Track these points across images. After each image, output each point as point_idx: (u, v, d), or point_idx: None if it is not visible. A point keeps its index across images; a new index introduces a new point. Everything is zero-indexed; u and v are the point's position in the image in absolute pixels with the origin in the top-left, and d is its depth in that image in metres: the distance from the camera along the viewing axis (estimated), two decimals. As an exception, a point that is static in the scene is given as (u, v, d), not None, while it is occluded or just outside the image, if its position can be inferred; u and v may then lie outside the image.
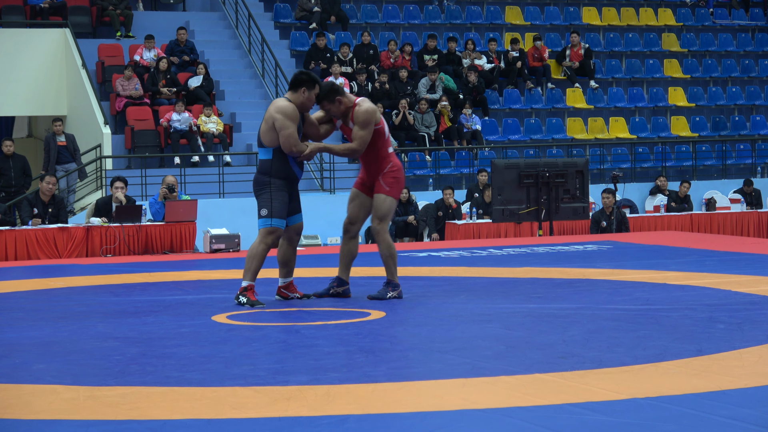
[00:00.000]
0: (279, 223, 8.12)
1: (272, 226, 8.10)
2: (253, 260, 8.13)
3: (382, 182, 8.28)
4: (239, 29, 21.87)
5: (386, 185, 8.27)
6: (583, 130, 22.01)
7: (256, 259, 8.12)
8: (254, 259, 8.12)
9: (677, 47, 24.52)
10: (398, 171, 8.32)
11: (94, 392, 5.18)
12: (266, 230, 8.11)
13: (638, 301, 8.00)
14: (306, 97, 8.12)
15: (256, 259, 8.12)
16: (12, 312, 8.36)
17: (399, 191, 8.38)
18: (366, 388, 5.16)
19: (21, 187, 16.43)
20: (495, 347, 6.24)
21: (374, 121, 8.17)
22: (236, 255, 13.10)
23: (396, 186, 8.33)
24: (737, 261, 10.98)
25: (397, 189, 8.35)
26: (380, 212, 8.28)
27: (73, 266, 12.38)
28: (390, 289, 8.31)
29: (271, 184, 8.13)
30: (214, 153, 18.71)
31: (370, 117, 8.13)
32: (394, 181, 8.30)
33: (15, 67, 20.09)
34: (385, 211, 8.28)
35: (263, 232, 8.12)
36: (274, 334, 6.92)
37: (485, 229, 15.61)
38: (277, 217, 8.10)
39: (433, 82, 20.85)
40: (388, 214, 8.32)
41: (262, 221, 8.12)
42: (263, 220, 8.11)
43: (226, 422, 4.61)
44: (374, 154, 8.26)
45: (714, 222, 16.90)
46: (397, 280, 8.37)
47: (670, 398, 4.83)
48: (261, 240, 8.11)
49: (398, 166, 8.35)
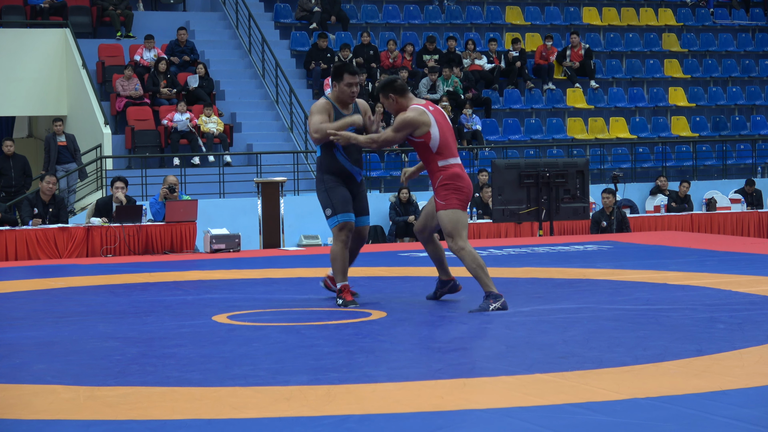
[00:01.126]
0: (345, 217, 7.99)
1: (339, 222, 7.99)
2: (335, 262, 8.02)
3: (436, 198, 7.77)
4: (239, 29, 21.87)
5: (440, 199, 7.73)
6: (583, 130, 22.01)
7: (337, 260, 8.00)
8: (335, 260, 8.01)
9: (677, 47, 24.52)
10: (451, 180, 7.71)
11: (94, 392, 5.18)
12: (336, 228, 8.01)
13: (638, 301, 8.00)
14: (338, 90, 8.04)
15: (337, 260, 8.00)
16: (12, 312, 8.36)
17: (458, 200, 7.70)
18: (366, 388, 5.16)
19: (21, 187, 16.44)
20: (495, 347, 6.24)
21: (408, 130, 7.70)
22: (236, 255, 13.10)
23: (451, 196, 7.69)
24: (737, 261, 10.97)
25: (454, 199, 7.70)
26: (446, 230, 7.70)
27: (73, 266, 12.38)
28: (491, 300, 7.63)
29: (324, 180, 8.09)
30: (215, 153, 18.70)
31: (403, 124, 7.68)
32: (446, 192, 7.70)
33: (15, 67, 20.09)
34: (449, 228, 7.68)
35: (334, 231, 8.03)
36: (274, 334, 6.92)
37: (485, 229, 15.61)
38: (342, 212, 7.98)
39: (434, 82, 20.86)
40: (455, 228, 7.67)
41: (330, 221, 8.02)
42: (330, 220, 8.02)
43: (226, 422, 4.61)
44: (428, 168, 7.85)
45: (714, 222, 16.90)
46: (496, 290, 7.68)
47: (671, 398, 4.82)
48: (335, 239, 8.04)
49: (451, 174, 7.72)
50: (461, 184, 7.73)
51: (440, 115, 7.84)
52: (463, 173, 7.77)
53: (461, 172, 7.75)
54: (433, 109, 7.83)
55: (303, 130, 19.45)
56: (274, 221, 14.35)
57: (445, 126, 7.80)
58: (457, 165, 7.76)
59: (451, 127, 7.90)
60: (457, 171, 7.73)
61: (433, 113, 7.78)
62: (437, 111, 7.84)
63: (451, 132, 7.86)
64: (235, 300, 8.61)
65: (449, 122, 7.90)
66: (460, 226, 7.68)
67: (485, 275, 7.67)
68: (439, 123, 7.76)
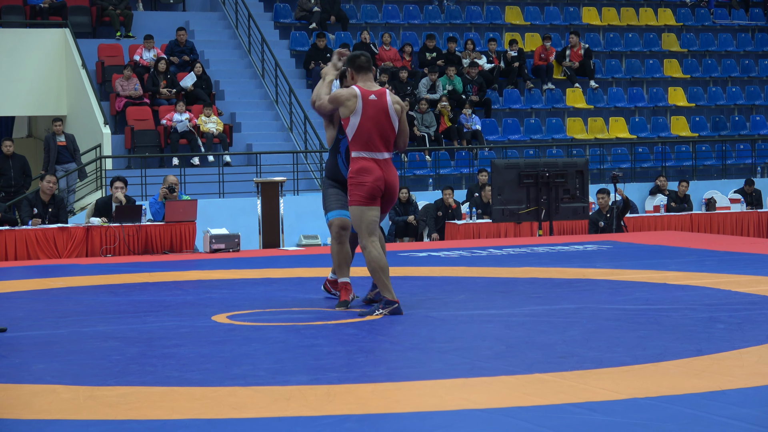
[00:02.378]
0: (332, 215, 7.99)
1: (328, 220, 8.01)
2: (333, 258, 8.02)
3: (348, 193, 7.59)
4: (239, 29, 21.87)
5: (349, 195, 7.54)
6: (583, 130, 22.01)
7: (333, 256, 8.00)
8: (332, 257, 8.01)
9: (677, 47, 24.52)
10: (356, 174, 7.47)
11: (94, 392, 5.18)
12: (329, 227, 8.05)
13: (638, 301, 8.00)
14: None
15: (333, 257, 8.00)
16: (12, 312, 8.35)
17: (359, 196, 7.45)
18: (366, 388, 5.16)
19: (21, 187, 16.43)
20: (495, 347, 6.24)
21: (334, 104, 7.55)
22: (236, 255, 13.10)
23: (353, 192, 7.48)
24: (737, 261, 10.98)
25: (356, 194, 7.46)
26: (354, 226, 7.57)
27: (73, 266, 12.38)
28: (381, 306, 7.46)
29: (324, 184, 8.17)
30: (214, 153, 18.70)
31: (332, 96, 7.58)
32: (351, 188, 7.50)
33: (15, 67, 20.09)
34: (354, 225, 7.52)
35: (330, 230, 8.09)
36: (274, 334, 6.92)
37: (485, 229, 15.61)
38: (330, 210, 7.99)
39: (434, 82, 20.86)
40: (358, 226, 7.48)
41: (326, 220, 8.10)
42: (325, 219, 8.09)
43: (225, 422, 4.61)
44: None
45: (714, 222, 16.90)
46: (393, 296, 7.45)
47: (670, 398, 4.83)
48: (331, 238, 8.07)
49: (357, 168, 7.47)
50: (365, 179, 7.42)
51: (376, 107, 7.47)
52: (374, 167, 7.43)
53: (369, 165, 7.43)
54: (375, 98, 7.47)
55: (302, 130, 19.45)
56: (274, 221, 14.35)
57: (374, 119, 7.44)
58: (367, 159, 7.43)
59: (385, 126, 7.51)
60: (364, 165, 7.43)
61: (369, 103, 7.44)
62: (376, 103, 7.47)
63: (381, 127, 7.48)
64: (235, 300, 8.61)
65: (389, 122, 7.51)
66: (363, 223, 7.45)
67: (385, 279, 7.40)
68: (367, 114, 7.42)
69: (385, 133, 7.54)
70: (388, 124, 7.54)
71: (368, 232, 7.48)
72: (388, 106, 7.54)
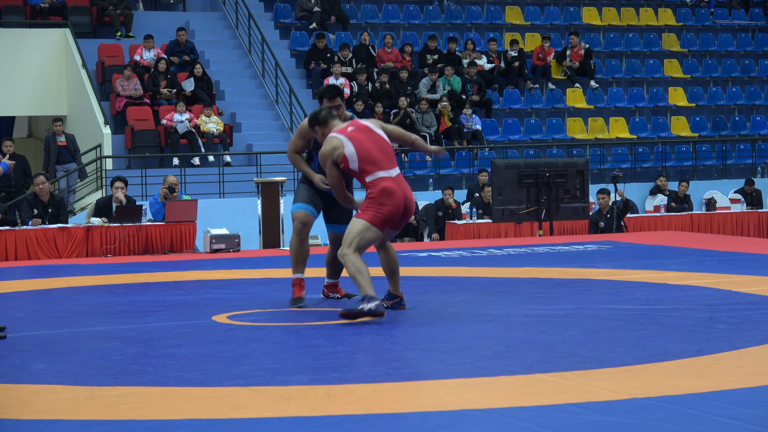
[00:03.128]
0: (294, 207, 8.11)
1: (292, 212, 8.15)
2: (291, 253, 8.18)
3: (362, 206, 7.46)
4: (239, 29, 21.87)
5: (362, 208, 7.42)
6: (583, 130, 22.01)
7: (291, 251, 8.17)
8: (291, 252, 8.18)
9: (677, 47, 24.51)
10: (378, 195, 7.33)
11: (94, 392, 5.18)
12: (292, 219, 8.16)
13: (638, 301, 8.00)
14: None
15: (291, 252, 8.17)
16: (12, 312, 8.35)
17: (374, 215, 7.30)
18: (366, 388, 5.16)
19: (21, 187, 16.44)
20: (495, 347, 6.24)
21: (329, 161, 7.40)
22: (236, 255, 13.10)
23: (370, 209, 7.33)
24: (737, 261, 10.98)
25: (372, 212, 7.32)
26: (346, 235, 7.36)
27: (73, 266, 12.38)
28: (365, 302, 7.17)
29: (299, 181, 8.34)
30: (215, 153, 18.71)
31: (322, 159, 7.50)
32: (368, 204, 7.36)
33: (15, 67, 20.09)
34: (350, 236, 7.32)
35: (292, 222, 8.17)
36: (274, 334, 6.92)
37: (485, 229, 15.61)
38: (294, 202, 8.15)
39: (434, 82, 20.86)
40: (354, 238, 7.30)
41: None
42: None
43: (226, 422, 4.61)
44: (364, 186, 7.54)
45: (714, 222, 16.90)
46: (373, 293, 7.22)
47: (670, 398, 4.83)
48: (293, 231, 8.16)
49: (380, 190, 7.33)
50: (387, 201, 7.29)
51: (361, 131, 7.42)
52: (396, 189, 7.31)
53: (392, 187, 7.31)
54: (352, 128, 7.41)
55: (303, 130, 19.42)
56: (274, 221, 14.35)
57: (366, 140, 7.36)
58: (386, 179, 7.32)
59: (378, 140, 7.43)
60: (387, 186, 7.30)
61: (350, 133, 7.38)
62: (355, 130, 7.42)
63: (377, 144, 7.40)
64: (235, 300, 8.61)
65: (377, 134, 7.44)
66: (362, 240, 7.27)
67: (363, 280, 7.18)
68: (356, 139, 7.34)
69: (384, 148, 7.43)
70: (381, 139, 7.46)
71: (357, 248, 7.32)
72: (367, 125, 7.51)
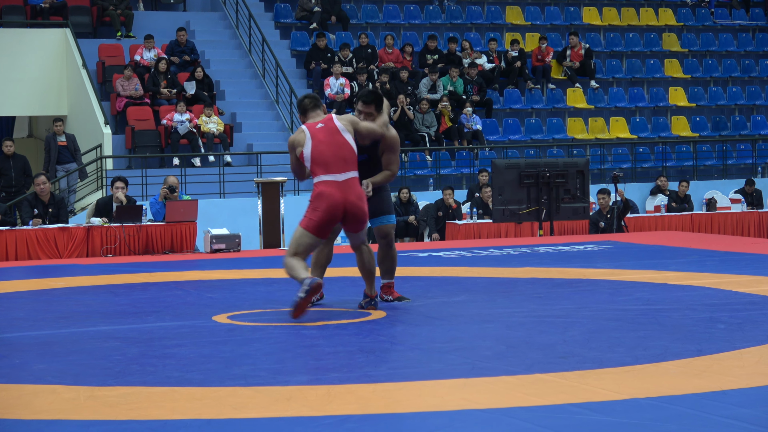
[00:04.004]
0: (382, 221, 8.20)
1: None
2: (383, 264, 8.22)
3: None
4: (239, 29, 21.87)
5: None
6: (583, 130, 22.01)
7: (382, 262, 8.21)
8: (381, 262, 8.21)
9: (678, 47, 24.51)
10: (313, 199, 7.52)
11: (95, 392, 5.18)
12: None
13: (639, 301, 8.00)
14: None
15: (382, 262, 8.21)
16: (12, 312, 8.36)
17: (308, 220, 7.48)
18: (366, 388, 5.16)
19: (21, 187, 16.43)
20: (495, 347, 6.24)
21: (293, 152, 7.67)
22: (236, 255, 13.10)
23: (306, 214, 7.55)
24: (737, 261, 10.98)
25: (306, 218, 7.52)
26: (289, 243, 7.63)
27: (73, 266, 12.38)
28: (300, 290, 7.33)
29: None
30: (215, 153, 18.71)
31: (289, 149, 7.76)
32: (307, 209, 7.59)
33: (15, 67, 20.09)
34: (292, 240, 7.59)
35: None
36: (275, 334, 6.92)
37: (486, 229, 15.61)
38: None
39: (434, 83, 20.86)
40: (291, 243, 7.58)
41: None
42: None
43: (226, 422, 4.61)
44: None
45: (714, 222, 16.90)
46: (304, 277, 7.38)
47: (671, 398, 4.83)
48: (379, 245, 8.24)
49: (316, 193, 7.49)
50: (319, 206, 7.45)
51: (325, 131, 7.54)
52: (332, 193, 7.43)
53: (328, 191, 7.44)
54: (322, 125, 7.56)
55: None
56: (275, 221, 14.34)
57: (326, 142, 7.50)
58: (327, 183, 7.45)
59: (340, 143, 7.53)
60: (322, 190, 7.45)
61: (317, 131, 7.54)
62: (324, 128, 7.56)
63: (335, 148, 7.51)
64: (235, 300, 8.62)
65: (341, 138, 7.53)
66: (299, 247, 7.48)
67: (294, 271, 7.40)
68: (317, 140, 7.50)
69: (341, 153, 7.52)
70: (343, 143, 7.55)
71: (295, 251, 7.50)
72: (337, 127, 7.58)
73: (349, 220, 7.57)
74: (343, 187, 7.48)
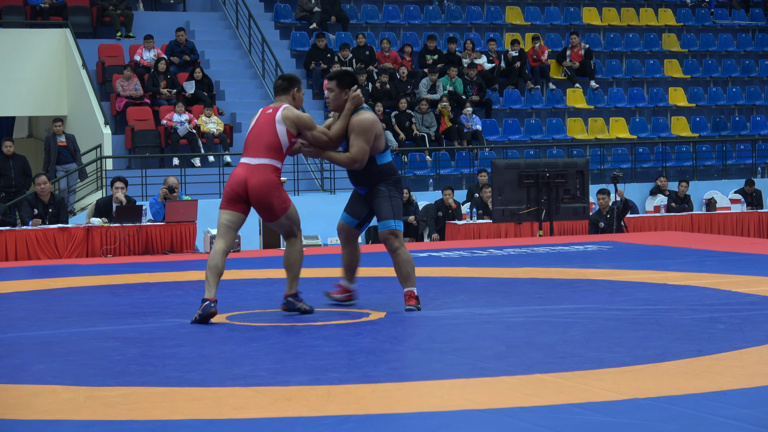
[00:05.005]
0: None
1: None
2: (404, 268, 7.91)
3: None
4: (239, 29, 21.87)
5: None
6: (583, 131, 22.01)
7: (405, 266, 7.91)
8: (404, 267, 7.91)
9: (677, 47, 24.52)
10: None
11: (95, 392, 5.18)
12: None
13: (638, 301, 8.00)
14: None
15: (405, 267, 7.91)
16: (12, 312, 8.36)
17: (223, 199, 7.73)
18: (366, 389, 5.16)
19: (21, 187, 16.43)
20: (495, 347, 6.24)
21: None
22: (236, 255, 13.10)
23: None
24: (737, 261, 10.98)
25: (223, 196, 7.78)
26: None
27: (73, 266, 12.38)
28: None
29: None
30: (215, 153, 18.71)
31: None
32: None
33: (15, 67, 20.09)
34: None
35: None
36: (275, 335, 6.92)
37: (485, 229, 15.61)
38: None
39: (434, 83, 20.86)
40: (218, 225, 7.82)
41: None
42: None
43: (226, 423, 4.61)
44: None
45: (714, 222, 16.90)
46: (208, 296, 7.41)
47: (671, 398, 4.83)
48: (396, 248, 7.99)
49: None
50: (228, 184, 7.65)
51: (265, 117, 7.62)
52: (237, 173, 7.57)
53: (236, 171, 7.63)
54: (270, 111, 7.63)
55: (303, 130, 19.41)
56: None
57: (257, 127, 7.64)
58: (240, 165, 7.63)
59: (266, 129, 7.57)
60: (234, 170, 7.68)
61: (261, 114, 7.68)
62: (267, 114, 7.63)
63: (259, 132, 7.59)
64: (235, 300, 8.62)
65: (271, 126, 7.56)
66: (219, 226, 7.70)
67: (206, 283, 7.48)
68: (256, 124, 7.66)
69: (263, 139, 7.55)
70: (271, 132, 7.55)
71: (218, 234, 7.68)
72: (275, 116, 7.59)
73: (255, 206, 7.63)
74: (250, 170, 7.53)
